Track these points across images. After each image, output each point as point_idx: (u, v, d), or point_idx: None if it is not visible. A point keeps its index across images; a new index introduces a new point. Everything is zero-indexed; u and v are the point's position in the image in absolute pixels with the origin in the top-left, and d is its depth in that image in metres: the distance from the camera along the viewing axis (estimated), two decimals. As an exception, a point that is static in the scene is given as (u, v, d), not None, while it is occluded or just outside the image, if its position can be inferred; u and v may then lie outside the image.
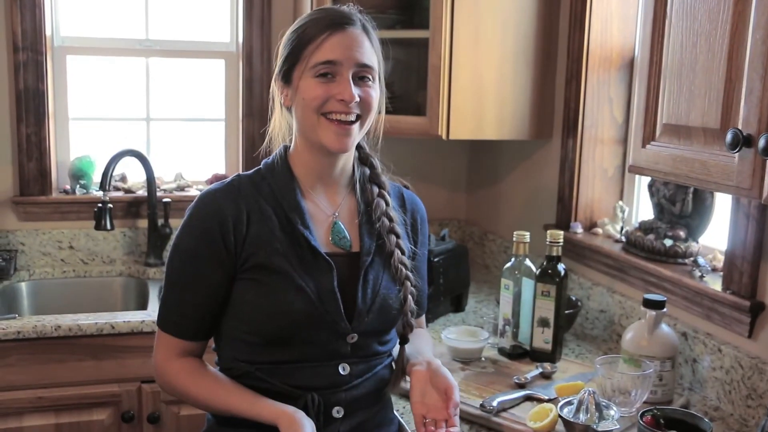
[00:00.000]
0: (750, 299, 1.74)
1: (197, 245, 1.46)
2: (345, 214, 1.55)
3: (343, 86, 1.41)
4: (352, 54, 1.42)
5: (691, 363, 1.90)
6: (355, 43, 1.43)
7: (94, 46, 2.90)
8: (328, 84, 1.42)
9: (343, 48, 1.42)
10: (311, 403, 1.45)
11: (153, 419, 2.27)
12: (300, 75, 1.43)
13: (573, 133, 2.42)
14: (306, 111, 1.44)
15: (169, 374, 1.50)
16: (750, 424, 1.70)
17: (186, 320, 1.49)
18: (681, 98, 1.40)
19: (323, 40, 1.41)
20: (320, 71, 1.41)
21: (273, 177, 1.51)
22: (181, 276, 1.49)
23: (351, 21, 1.45)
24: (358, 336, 1.49)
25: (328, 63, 1.41)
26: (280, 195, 1.49)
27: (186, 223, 1.49)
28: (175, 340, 1.50)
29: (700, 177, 1.34)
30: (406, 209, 1.63)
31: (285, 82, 1.48)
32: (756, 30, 1.19)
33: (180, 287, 1.49)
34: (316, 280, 1.45)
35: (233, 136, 3.05)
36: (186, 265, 1.48)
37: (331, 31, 1.42)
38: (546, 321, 1.98)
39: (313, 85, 1.42)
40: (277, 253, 1.44)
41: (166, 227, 2.85)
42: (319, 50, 1.41)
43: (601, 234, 2.40)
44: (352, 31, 1.44)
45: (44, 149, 2.75)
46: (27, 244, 2.78)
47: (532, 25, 2.45)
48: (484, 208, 3.12)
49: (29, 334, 2.15)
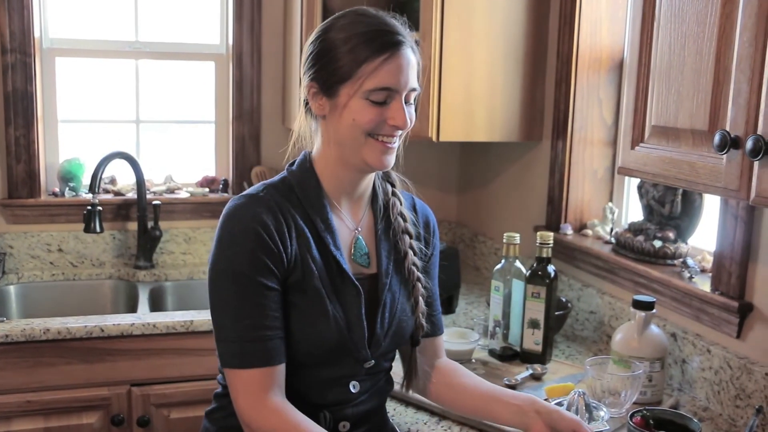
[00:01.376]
0: (738, 300, 1.75)
1: (253, 258, 1.35)
2: (365, 229, 1.53)
3: (398, 113, 1.38)
4: (408, 80, 1.38)
5: (680, 364, 1.91)
6: (409, 67, 1.39)
7: (83, 48, 2.89)
8: (381, 108, 1.37)
9: (400, 73, 1.37)
10: (324, 421, 1.45)
11: (143, 422, 2.27)
12: (350, 94, 1.37)
13: (563, 134, 2.43)
14: (353, 131, 1.38)
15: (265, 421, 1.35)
16: (738, 424, 1.71)
17: (266, 344, 1.35)
18: (669, 100, 1.41)
19: (381, 64, 1.35)
20: (377, 98, 1.36)
21: (302, 189, 1.45)
22: (247, 298, 1.35)
23: (403, 39, 1.39)
24: (374, 361, 1.49)
25: (387, 90, 1.36)
26: (312, 210, 1.44)
27: (229, 239, 1.37)
28: (260, 373, 1.35)
29: (688, 178, 1.35)
30: (417, 215, 1.62)
31: (327, 94, 1.40)
32: (743, 32, 1.19)
33: (247, 311, 1.35)
34: (344, 305, 1.43)
35: (223, 138, 3.04)
36: (248, 284, 1.35)
37: (389, 53, 1.36)
38: (536, 322, 1.99)
39: (366, 109, 1.37)
40: (312, 274, 1.40)
41: (155, 230, 2.84)
42: (376, 75, 1.35)
43: (590, 235, 2.41)
44: (406, 53, 1.38)
45: (33, 152, 2.74)
46: (15, 247, 2.77)
47: (521, 27, 2.46)
48: (474, 210, 3.12)
49: (18, 337, 2.14)
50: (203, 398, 1.62)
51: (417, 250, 1.55)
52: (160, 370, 2.28)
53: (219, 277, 1.37)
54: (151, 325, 2.24)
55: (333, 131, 1.42)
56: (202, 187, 3.01)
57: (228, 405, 1.47)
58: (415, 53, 1.42)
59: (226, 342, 1.37)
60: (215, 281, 1.37)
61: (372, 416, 1.56)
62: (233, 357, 1.36)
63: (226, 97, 3.00)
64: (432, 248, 1.64)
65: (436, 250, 1.65)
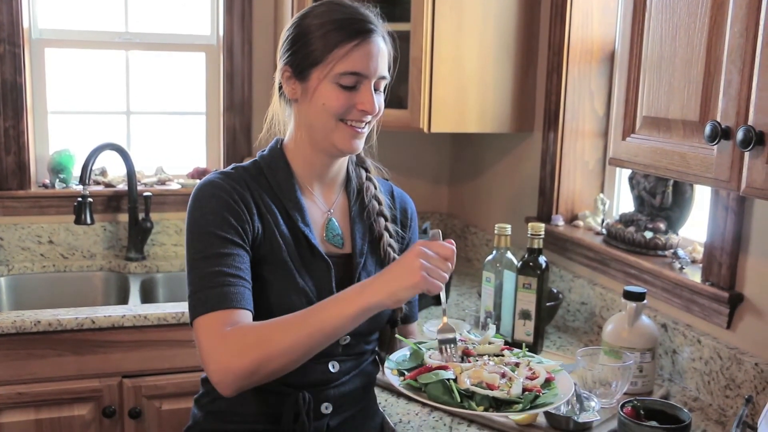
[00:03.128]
0: (729, 291, 1.75)
1: (218, 218, 1.38)
2: (338, 211, 1.56)
3: (366, 98, 1.42)
4: (377, 66, 1.43)
5: (670, 354, 1.91)
6: (379, 55, 1.43)
7: (72, 39, 2.87)
8: (351, 93, 1.42)
9: (369, 60, 1.41)
10: (302, 401, 1.45)
11: (134, 414, 2.26)
12: (321, 78, 1.41)
13: (554, 126, 2.43)
14: (323, 115, 1.43)
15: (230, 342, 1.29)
16: (728, 414, 1.72)
17: (228, 288, 1.33)
18: (661, 91, 1.41)
19: (351, 49, 1.40)
20: (345, 82, 1.41)
21: (271, 172, 1.50)
22: (210, 250, 1.36)
23: (375, 28, 1.44)
24: (350, 338, 1.49)
25: (355, 74, 1.41)
26: (280, 191, 1.48)
27: (198, 205, 1.41)
28: (222, 315, 1.31)
29: (679, 169, 1.35)
30: (395, 201, 1.65)
31: (299, 78, 1.45)
32: (734, 23, 1.19)
33: (212, 260, 1.35)
34: (315, 279, 1.46)
35: (214, 129, 3.03)
36: (213, 239, 1.36)
37: (359, 40, 1.41)
38: (527, 313, 1.99)
39: (335, 93, 1.41)
40: (281, 248, 1.44)
41: (146, 221, 2.83)
42: (347, 59, 1.40)
43: (582, 226, 2.41)
44: (377, 41, 1.43)
45: (23, 143, 2.72)
46: (6, 238, 2.75)
47: (513, 18, 2.45)
48: (465, 201, 3.12)
49: (8, 329, 2.13)
50: (194, 390, 1.62)
51: (393, 232, 1.58)
52: (151, 361, 2.27)
53: (189, 239, 1.40)
54: (142, 316, 2.23)
55: (304, 115, 1.46)
56: (193, 178, 3.00)
57: (212, 390, 1.49)
58: (386, 43, 1.47)
59: (191, 297, 1.36)
60: (186, 244, 1.40)
61: (357, 400, 1.57)
62: (196, 307, 1.34)
63: (216, 88, 2.99)
64: (410, 233, 1.66)
65: (414, 235, 1.68)
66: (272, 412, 1.47)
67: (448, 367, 1.38)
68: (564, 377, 1.45)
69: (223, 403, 1.50)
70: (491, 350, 1.50)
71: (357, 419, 1.57)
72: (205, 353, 1.30)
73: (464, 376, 1.36)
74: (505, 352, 1.51)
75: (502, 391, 1.34)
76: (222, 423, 1.50)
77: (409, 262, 1.29)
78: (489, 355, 1.49)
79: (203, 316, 1.33)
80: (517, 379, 1.37)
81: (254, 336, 1.29)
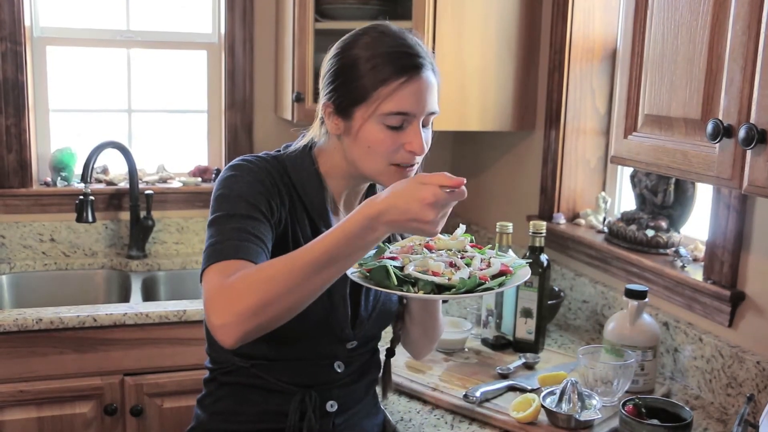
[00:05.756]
0: (730, 289, 1.75)
1: (252, 189, 1.33)
2: None
3: (415, 138, 1.33)
4: (426, 104, 1.33)
5: (672, 352, 1.91)
6: (428, 92, 1.33)
7: (74, 37, 2.87)
8: (397, 133, 1.33)
9: (419, 98, 1.32)
10: (309, 400, 1.46)
11: (136, 412, 2.26)
12: (365, 117, 1.33)
13: (556, 124, 2.43)
14: (369, 157, 1.35)
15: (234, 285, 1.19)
16: (730, 412, 1.72)
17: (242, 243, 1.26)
18: (662, 89, 1.41)
19: (399, 87, 1.30)
20: (393, 122, 1.32)
21: (297, 173, 1.43)
22: (233, 212, 1.30)
23: (424, 63, 1.34)
24: (357, 342, 1.50)
25: (403, 114, 1.32)
26: (304, 193, 1.42)
27: (233, 173, 1.36)
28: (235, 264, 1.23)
29: (681, 167, 1.35)
30: None
31: (341, 115, 1.36)
32: (736, 21, 1.19)
33: (234, 220, 1.29)
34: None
35: (216, 127, 3.03)
36: (243, 202, 1.31)
37: (408, 76, 1.31)
38: (529, 311, 1.99)
39: (381, 135, 1.33)
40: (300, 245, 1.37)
41: (148, 219, 2.83)
42: (393, 98, 1.30)
43: (583, 225, 2.41)
44: (426, 77, 1.33)
45: (24, 141, 2.72)
46: (7, 236, 2.76)
47: (514, 16, 2.45)
48: (467, 200, 3.09)
49: (10, 327, 2.13)
50: (196, 387, 1.62)
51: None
52: (152, 359, 2.27)
53: (217, 201, 1.33)
54: (143, 314, 2.23)
55: (348, 150, 1.39)
56: (194, 176, 3.00)
57: (216, 390, 1.49)
58: (435, 75, 1.37)
59: (207, 249, 1.28)
60: (213, 206, 1.34)
61: (360, 396, 1.57)
62: (209, 256, 1.26)
63: (218, 87, 2.99)
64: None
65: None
66: (277, 412, 1.47)
67: (397, 258, 1.33)
68: (523, 272, 1.35)
69: (227, 403, 1.49)
70: (454, 245, 1.41)
71: (360, 416, 1.57)
72: (208, 297, 1.21)
73: (410, 265, 1.30)
74: (469, 248, 1.42)
75: (444, 277, 1.27)
76: (227, 423, 1.50)
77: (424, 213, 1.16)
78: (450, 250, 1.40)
79: (214, 264, 1.24)
80: (464, 268, 1.30)
81: (258, 275, 1.19)
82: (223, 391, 1.48)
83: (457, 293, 1.26)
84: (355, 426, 1.55)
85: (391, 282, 1.27)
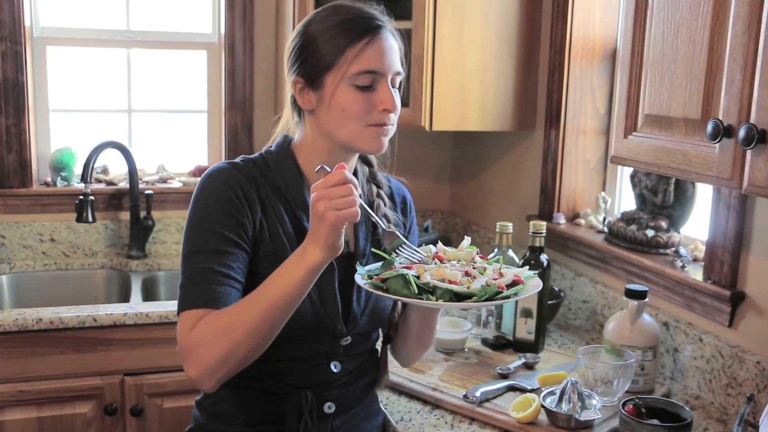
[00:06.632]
0: (730, 289, 1.75)
1: (218, 214, 1.37)
2: None
3: (386, 96, 1.38)
4: (392, 62, 1.39)
5: (672, 352, 1.91)
6: (391, 50, 1.39)
7: (74, 37, 2.87)
8: (369, 93, 1.37)
9: (383, 56, 1.37)
10: (305, 401, 1.46)
11: (136, 412, 2.26)
12: (336, 82, 1.37)
13: (556, 124, 2.43)
14: (345, 122, 1.39)
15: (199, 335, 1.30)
16: (730, 412, 1.72)
17: (215, 288, 1.33)
18: (662, 89, 1.41)
19: (363, 48, 1.36)
20: (362, 82, 1.36)
21: (278, 168, 1.46)
22: (203, 245, 1.36)
23: (383, 24, 1.40)
24: (351, 339, 1.49)
25: (372, 72, 1.36)
26: (286, 189, 1.45)
27: (200, 197, 1.40)
28: (203, 313, 1.32)
29: (681, 167, 1.35)
30: (395, 200, 1.64)
31: (312, 86, 1.40)
32: (736, 21, 1.19)
33: (204, 255, 1.35)
34: (318, 279, 1.42)
35: (216, 127, 3.03)
36: (208, 234, 1.36)
37: (370, 37, 1.36)
38: (529, 312, 1.99)
39: (354, 96, 1.37)
40: (285, 247, 1.41)
41: (148, 219, 2.83)
42: (360, 59, 1.36)
43: (583, 225, 2.41)
44: (387, 37, 1.39)
45: (24, 141, 2.73)
46: (7, 236, 2.76)
47: (514, 16, 2.45)
48: (467, 199, 3.12)
49: (10, 327, 2.13)
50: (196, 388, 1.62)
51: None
52: (153, 359, 2.27)
53: (188, 231, 1.39)
54: (143, 314, 2.23)
55: (323, 123, 1.42)
56: (194, 176, 3.00)
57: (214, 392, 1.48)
58: (396, 38, 1.43)
59: (180, 289, 1.36)
60: (185, 234, 1.39)
61: (358, 398, 1.57)
62: (182, 301, 1.35)
63: (218, 87, 2.99)
64: (410, 218, 1.66)
65: (414, 230, 1.67)
66: (276, 413, 1.47)
67: (411, 268, 1.36)
68: (534, 282, 1.40)
69: (225, 405, 1.49)
70: (463, 256, 1.44)
71: (359, 418, 1.57)
72: (180, 350, 1.32)
73: (427, 274, 1.33)
74: (478, 259, 1.45)
75: (463, 286, 1.30)
76: (225, 425, 1.50)
77: (315, 212, 1.24)
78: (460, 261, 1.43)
79: (181, 313, 1.34)
80: (480, 277, 1.34)
81: (218, 325, 1.29)
82: (220, 394, 1.48)
83: (478, 301, 1.29)
84: (354, 428, 1.55)
85: (410, 290, 1.29)
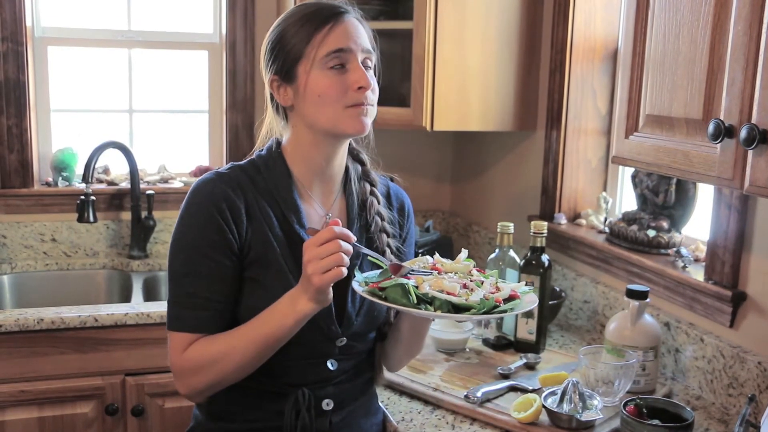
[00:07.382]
0: (732, 289, 1.75)
1: (203, 234, 1.40)
2: (336, 215, 1.54)
3: (359, 74, 1.39)
4: (359, 41, 1.41)
5: (673, 353, 1.91)
6: (357, 30, 1.42)
7: (75, 37, 2.87)
8: (342, 74, 1.39)
9: (349, 35, 1.40)
10: (302, 398, 1.46)
11: (137, 412, 2.27)
12: (308, 70, 1.39)
13: (557, 124, 2.43)
14: (323, 107, 1.40)
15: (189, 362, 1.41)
16: (731, 412, 1.72)
17: (199, 312, 1.41)
18: (664, 89, 1.41)
19: (329, 31, 1.39)
20: (333, 63, 1.38)
21: (268, 172, 1.47)
22: (190, 267, 1.41)
23: (346, 9, 1.44)
24: (346, 339, 1.50)
25: (340, 51, 1.38)
26: (276, 192, 1.46)
27: (186, 214, 1.43)
28: (189, 337, 1.42)
29: (682, 168, 1.35)
30: (392, 202, 1.63)
31: (287, 81, 1.43)
32: (737, 21, 1.19)
33: (191, 279, 1.41)
34: None
35: (217, 127, 3.03)
36: (195, 255, 1.40)
37: (333, 21, 1.40)
38: (530, 312, 1.99)
39: (327, 79, 1.39)
40: (274, 251, 1.42)
41: (149, 219, 2.83)
42: (327, 41, 1.38)
43: (584, 225, 2.41)
44: (351, 20, 1.43)
45: (26, 141, 2.73)
46: (9, 236, 2.76)
47: (516, 16, 2.45)
48: (468, 200, 3.12)
49: (11, 327, 2.13)
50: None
51: (394, 248, 1.56)
52: (154, 359, 2.27)
53: (173, 246, 1.44)
54: (145, 314, 2.24)
55: (303, 116, 1.44)
56: (195, 176, 3.00)
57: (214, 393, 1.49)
58: (362, 23, 1.45)
59: (168, 304, 1.45)
60: (170, 249, 1.45)
61: (357, 395, 1.57)
62: (170, 319, 1.44)
63: (219, 87, 2.99)
64: (406, 231, 1.65)
65: (411, 234, 1.67)
66: (274, 411, 1.47)
67: (410, 278, 1.37)
68: (530, 298, 1.41)
69: (224, 404, 1.50)
70: (460, 269, 1.46)
71: (358, 415, 1.57)
72: (172, 369, 1.45)
73: (425, 285, 1.34)
74: (475, 272, 1.46)
75: (461, 298, 1.32)
76: (224, 423, 1.51)
77: (304, 273, 1.31)
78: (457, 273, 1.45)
79: (172, 332, 1.44)
80: (478, 290, 1.35)
81: (208, 356, 1.39)
82: (220, 393, 1.48)
83: (476, 314, 1.31)
84: (353, 424, 1.55)
85: (409, 300, 1.31)
